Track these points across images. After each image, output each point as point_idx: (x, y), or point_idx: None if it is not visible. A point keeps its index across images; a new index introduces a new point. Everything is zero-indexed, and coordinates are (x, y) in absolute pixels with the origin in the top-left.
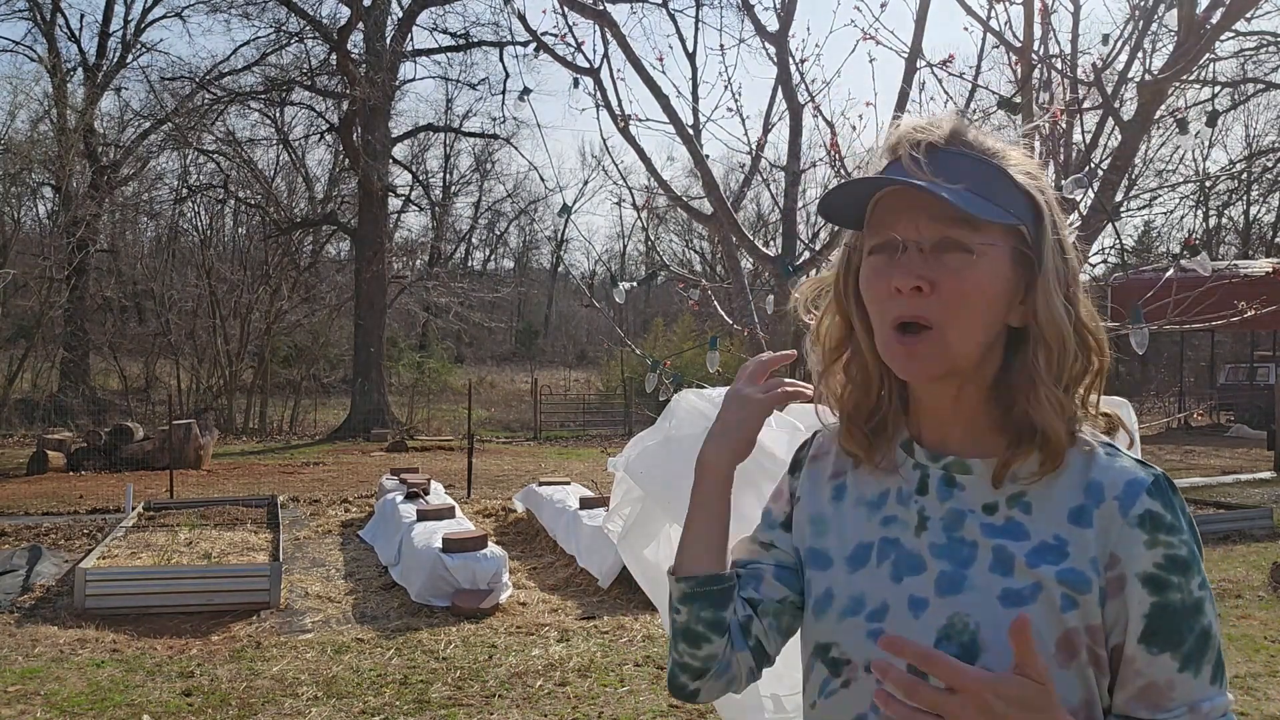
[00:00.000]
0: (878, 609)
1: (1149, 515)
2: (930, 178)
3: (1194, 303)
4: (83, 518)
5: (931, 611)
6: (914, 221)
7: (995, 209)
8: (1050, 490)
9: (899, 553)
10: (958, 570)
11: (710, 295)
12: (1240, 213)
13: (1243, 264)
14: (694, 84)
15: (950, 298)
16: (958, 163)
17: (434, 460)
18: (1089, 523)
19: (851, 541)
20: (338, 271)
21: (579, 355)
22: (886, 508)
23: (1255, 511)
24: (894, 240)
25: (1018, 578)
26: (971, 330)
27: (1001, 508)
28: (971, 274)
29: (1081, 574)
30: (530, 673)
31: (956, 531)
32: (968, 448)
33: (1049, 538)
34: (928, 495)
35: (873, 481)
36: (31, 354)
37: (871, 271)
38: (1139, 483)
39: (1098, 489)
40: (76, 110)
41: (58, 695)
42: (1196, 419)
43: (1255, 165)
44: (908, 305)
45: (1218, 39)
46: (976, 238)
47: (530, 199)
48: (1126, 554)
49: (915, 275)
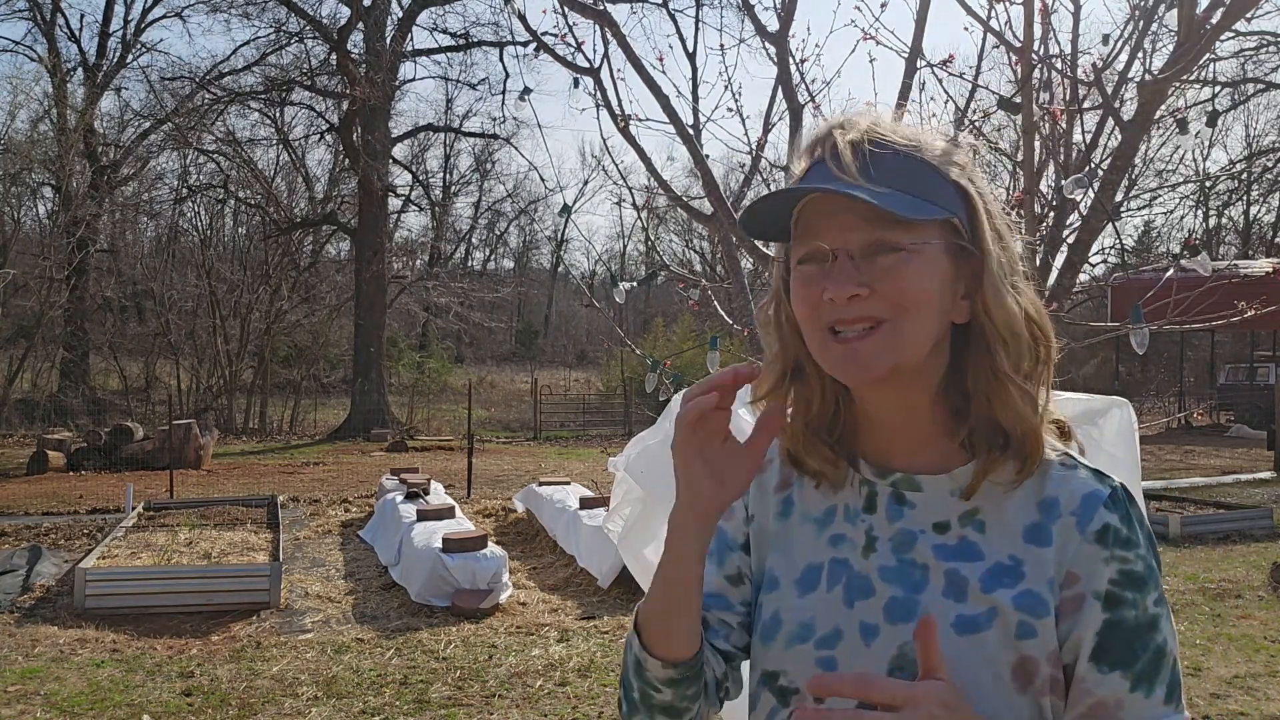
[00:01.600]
0: (828, 635)
1: (1107, 529)
2: (855, 178)
3: (1194, 303)
4: (82, 518)
5: (882, 640)
6: (840, 228)
7: (925, 205)
8: (1004, 507)
9: (850, 575)
10: (909, 595)
11: (710, 295)
12: (1240, 213)
13: (1243, 264)
14: (694, 84)
15: (893, 297)
16: (881, 160)
17: (434, 460)
18: (1047, 540)
19: (800, 562)
20: (338, 271)
21: (579, 355)
22: (834, 525)
23: (1255, 512)
24: (821, 249)
25: (972, 603)
26: (922, 325)
27: (954, 526)
28: (908, 271)
29: (1038, 596)
30: (530, 673)
31: (906, 554)
32: (916, 462)
33: (1004, 558)
34: (875, 514)
35: (818, 496)
36: (31, 354)
37: (801, 282)
38: (1096, 496)
39: (1053, 504)
40: (76, 110)
41: (58, 695)
42: (1197, 419)
43: (1255, 165)
44: (846, 311)
45: (1218, 39)
46: (908, 237)
47: (530, 199)
48: (1085, 572)
49: (851, 283)
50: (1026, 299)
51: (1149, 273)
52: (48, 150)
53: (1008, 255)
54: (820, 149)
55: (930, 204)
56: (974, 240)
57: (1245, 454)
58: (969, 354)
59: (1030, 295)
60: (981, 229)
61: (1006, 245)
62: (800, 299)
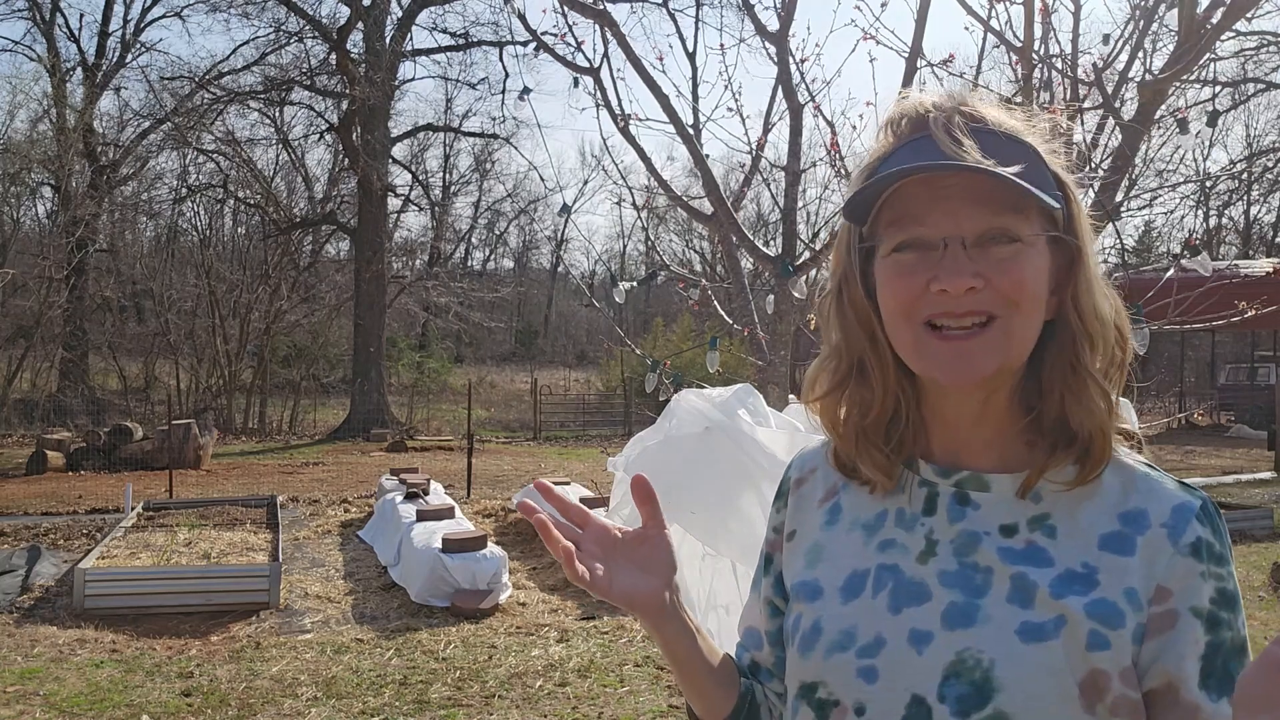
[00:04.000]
0: (870, 643)
1: (1200, 543)
2: (979, 159)
3: (1194, 302)
4: (82, 518)
5: (937, 646)
6: (951, 212)
7: (1048, 193)
8: (1078, 513)
9: (897, 580)
10: (970, 600)
11: (710, 295)
12: (1241, 213)
13: (1243, 264)
14: (694, 84)
15: (1009, 291)
16: (991, 141)
17: (433, 460)
18: (1130, 550)
19: (845, 569)
20: (337, 271)
21: (579, 355)
22: (884, 530)
23: (1255, 512)
24: (924, 237)
25: (1039, 609)
26: (1032, 324)
27: (1022, 530)
28: (1025, 264)
29: (1114, 606)
30: (530, 673)
31: (969, 556)
32: (988, 461)
33: (1076, 565)
34: (936, 516)
35: (868, 501)
36: (31, 354)
37: (896, 271)
38: (1187, 508)
39: (1140, 515)
40: (76, 110)
41: (57, 695)
42: (1198, 419)
43: (1256, 165)
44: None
45: (1218, 39)
46: (1026, 226)
47: (530, 199)
48: (1180, 587)
49: (968, 274)
50: (1112, 297)
51: (1150, 273)
52: (47, 150)
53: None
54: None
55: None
56: (1071, 232)
57: (1245, 454)
58: (1049, 349)
59: (1113, 294)
60: (1078, 220)
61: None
62: (893, 290)
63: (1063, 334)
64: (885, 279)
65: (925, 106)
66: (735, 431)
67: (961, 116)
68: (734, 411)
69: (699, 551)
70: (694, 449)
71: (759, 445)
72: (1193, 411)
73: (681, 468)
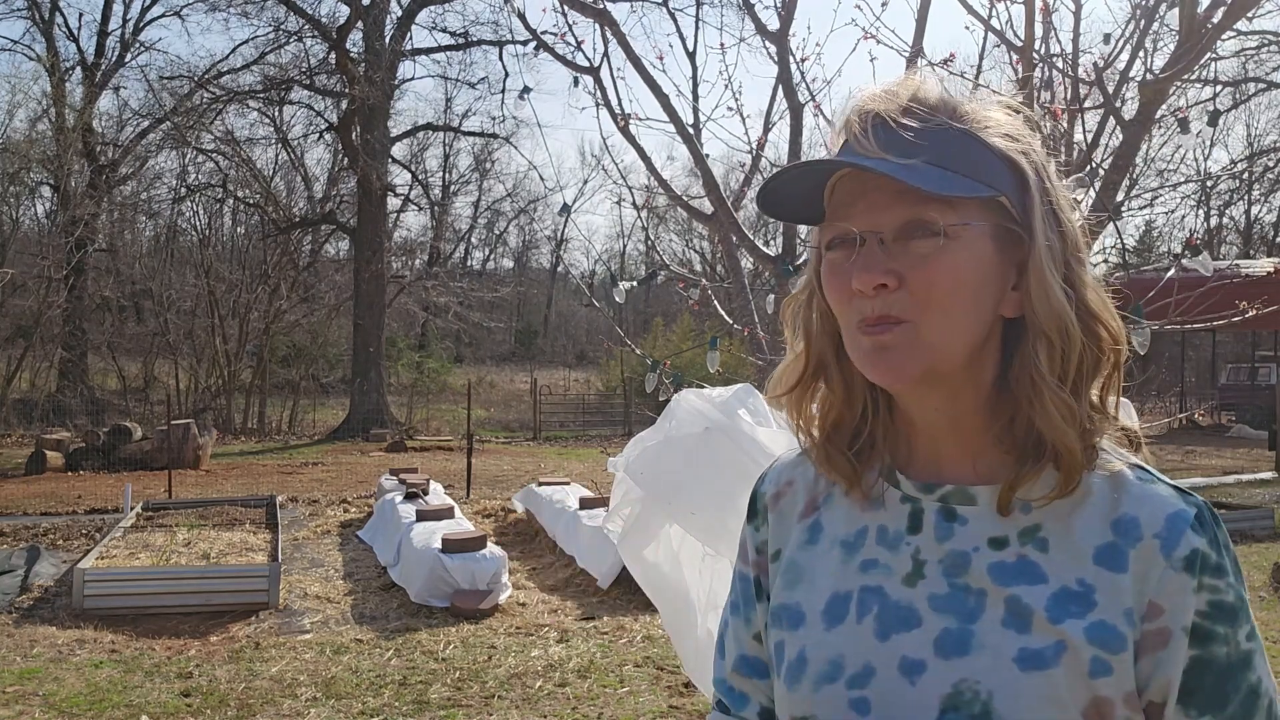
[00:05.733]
0: (859, 673)
1: (1195, 555)
2: (877, 151)
3: (1195, 302)
4: (81, 518)
5: (931, 676)
6: (870, 208)
7: (959, 180)
8: (1070, 524)
9: (883, 604)
10: (963, 626)
11: (710, 295)
12: (1241, 212)
13: (1244, 264)
14: (694, 83)
15: (921, 290)
16: (919, 132)
17: (433, 460)
18: (1122, 566)
19: (825, 591)
20: (337, 271)
21: (579, 355)
22: (864, 549)
23: (1256, 512)
24: (849, 233)
25: (1037, 635)
26: (953, 325)
27: (1013, 542)
28: (944, 260)
29: (1114, 629)
30: (530, 674)
31: (959, 578)
32: (968, 473)
33: (1071, 582)
34: (921, 534)
35: (848, 517)
36: (30, 354)
37: (829, 270)
38: (1181, 516)
39: (1132, 524)
40: (75, 109)
41: (56, 696)
42: (1199, 419)
43: (1256, 165)
44: (872, 305)
45: (1219, 38)
46: (949, 217)
47: (530, 198)
48: (1171, 604)
49: (878, 271)
50: (1090, 293)
51: (1150, 272)
52: (46, 149)
53: (1064, 239)
54: (851, 123)
55: (967, 179)
56: (1025, 223)
57: (1246, 454)
58: (1016, 352)
59: (1092, 286)
60: (1033, 210)
61: (1064, 228)
62: (828, 289)
63: (1024, 334)
64: (824, 277)
65: (856, 102)
66: (735, 431)
67: (893, 107)
68: (734, 411)
69: (699, 551)
70: (694, 449)
71: (759, 445)
72: (1193, 411)
73: (681, 468)
